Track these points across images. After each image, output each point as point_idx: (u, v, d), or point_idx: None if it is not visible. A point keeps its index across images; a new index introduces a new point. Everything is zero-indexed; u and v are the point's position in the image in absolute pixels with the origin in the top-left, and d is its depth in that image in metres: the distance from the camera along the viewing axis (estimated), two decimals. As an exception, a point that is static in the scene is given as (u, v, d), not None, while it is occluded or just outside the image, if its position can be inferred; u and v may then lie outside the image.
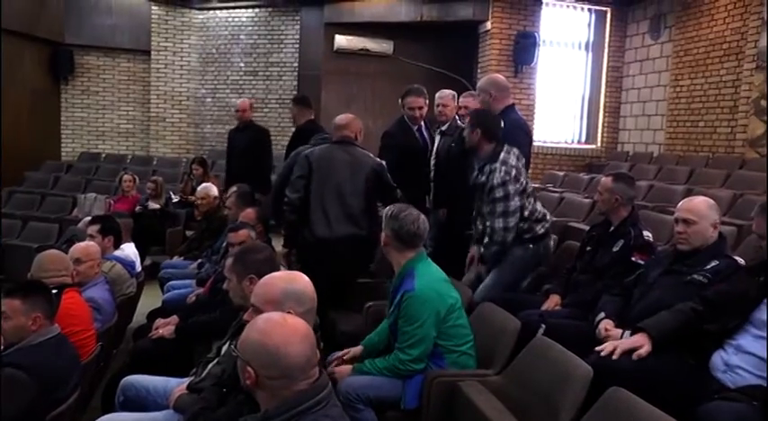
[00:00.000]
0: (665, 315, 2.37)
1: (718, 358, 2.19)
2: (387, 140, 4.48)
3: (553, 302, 3.25)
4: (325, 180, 3.75)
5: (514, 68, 8.69)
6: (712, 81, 7.63)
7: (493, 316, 2.91)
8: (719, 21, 7.54)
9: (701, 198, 2.76)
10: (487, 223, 3.52)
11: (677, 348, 2.32)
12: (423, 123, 4.54)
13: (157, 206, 6.81)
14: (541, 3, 8.90)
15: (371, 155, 3.98)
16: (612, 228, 3.26)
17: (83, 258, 3.32)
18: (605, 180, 3.33)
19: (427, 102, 4.54)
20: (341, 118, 4.01)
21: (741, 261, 2.62)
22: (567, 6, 9.23)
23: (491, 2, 8.71)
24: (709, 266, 2.52)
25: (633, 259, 3.08)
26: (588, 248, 3.39)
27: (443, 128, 4.57)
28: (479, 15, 8.84)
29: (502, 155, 3.51)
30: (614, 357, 2.26)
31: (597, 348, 2.36)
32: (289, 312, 1.78)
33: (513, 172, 3.47)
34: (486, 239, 3.55)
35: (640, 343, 2.27)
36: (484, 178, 3.54)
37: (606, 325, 2.69)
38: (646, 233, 3.15)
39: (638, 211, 3.34)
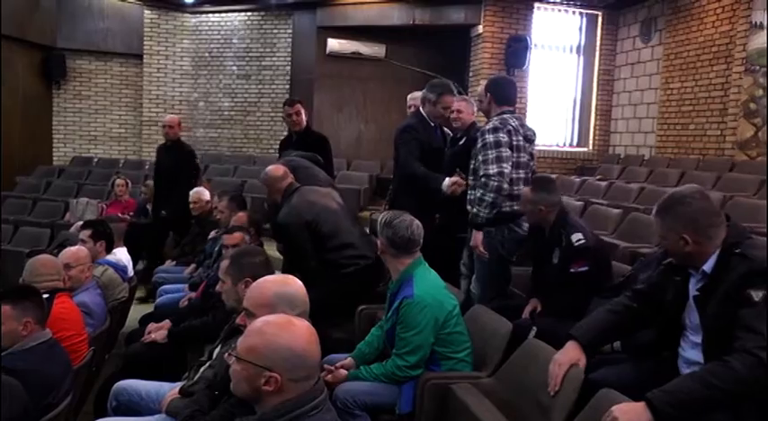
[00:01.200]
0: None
1: (680, 367, 2.19)
2: (408, 135, 4.00)
3: (530, 308, 3.25)
4: (335, 220, 3.66)
5: (506, 72, 8.69)
6: (702, 84, 7.68)
7: (484, 318, 2.92)
8: (708, 24, 7.60)
9: None
10: (480, 173, 3.38)
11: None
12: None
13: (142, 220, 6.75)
14: (533, 7, 8.94)
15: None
16: (547, 235, 3.22)
17: (72, 263, 3.30)
18: (525, 191, 3.28)
19: None
20: (273, 169, 3.83)
21: None
22: (559, 10, 9.28)
23: (483, 6, 8.75)
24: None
25: (572, 270, 3.02)
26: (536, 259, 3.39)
27: None
28: (471, 19, 8.87)
29: (506, 115, 3.49)
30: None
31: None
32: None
33: (509, 128, 3.41)
34: (478, 193, 3.38)
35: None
36: (477, 134, 3.54)
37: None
38: (575, 237, 3.04)
39: (566, 213, 3.23)
